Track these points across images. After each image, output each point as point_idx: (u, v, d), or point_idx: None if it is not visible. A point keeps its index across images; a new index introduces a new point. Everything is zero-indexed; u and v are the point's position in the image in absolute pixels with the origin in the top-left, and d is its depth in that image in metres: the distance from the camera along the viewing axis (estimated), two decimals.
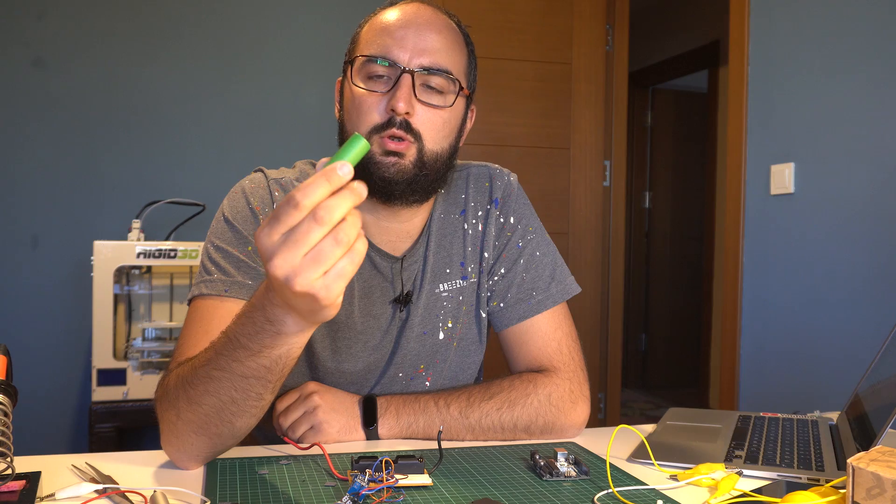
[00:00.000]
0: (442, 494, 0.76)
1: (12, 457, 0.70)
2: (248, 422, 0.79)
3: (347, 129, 0.98)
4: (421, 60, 0.94)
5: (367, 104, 0.94)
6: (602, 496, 0.76)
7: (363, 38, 0.99)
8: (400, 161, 0.94)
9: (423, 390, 1.07)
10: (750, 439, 0.99)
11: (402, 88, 0.92)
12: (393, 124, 0.93)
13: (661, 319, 5.03)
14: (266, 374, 0.74)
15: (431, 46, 0.95)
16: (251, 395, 0.75)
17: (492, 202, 1.10)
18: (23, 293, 2.50)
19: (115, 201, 2.56)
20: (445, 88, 0.96)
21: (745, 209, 2.51)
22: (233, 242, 0.98)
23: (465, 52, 1.01)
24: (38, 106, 2.53)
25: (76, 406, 2.54)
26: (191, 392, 0.78)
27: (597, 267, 3.17)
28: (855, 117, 2.11)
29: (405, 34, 0.95)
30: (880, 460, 0.62)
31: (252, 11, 2.72)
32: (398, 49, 0.94)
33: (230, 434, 0.80)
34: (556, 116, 3.08)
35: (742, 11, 2.50)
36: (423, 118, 0.95)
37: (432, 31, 0.96)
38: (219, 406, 0.76)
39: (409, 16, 0.97)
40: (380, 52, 0.94)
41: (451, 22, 1.01)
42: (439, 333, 1.07)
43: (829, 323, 2.17)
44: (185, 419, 0.79)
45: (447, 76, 0.96)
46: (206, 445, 0.81)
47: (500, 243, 1.10)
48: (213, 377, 0.75)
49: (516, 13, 3.00)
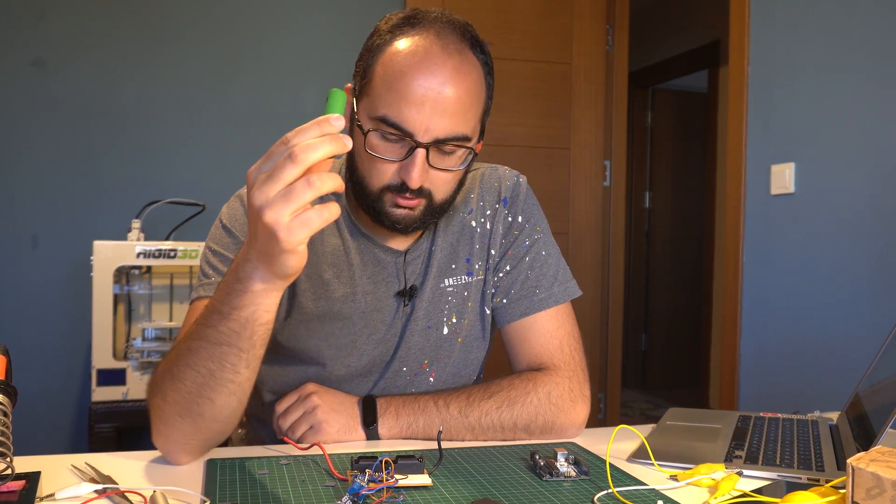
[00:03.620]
0: (442, 494, 0.76)
1: (12, 457, 0.70)
2: (227, 401, 0.80)
3: (358, 169, 0.96)
4: (437, 132, 0.90)
5: (380, 167, 0.93)
6: (602, 496, 0.76)
7: (377, 84, 0.92)
8: (411, 213, 0.96)
9: (427, 386, 1.08)
10: (750, 439, 0.99)
11: (416, 165, 0.90)
12: (405, 190, 0.93)
13: (661, 319, 5.03)
14: (236, 341, 0.76)
15: (450, 113, 0.90)
16: (226, 367, 0.78)
17: (500, 201, 1.12)
18: (23, 293, 2.50)
19: (115, 201, 2.56)
20: (458, 150, 0.94)
21: (745, 209, 2.51)
22: (229, 247, 1.01)
23: (483, 97, 0.96)
24: (38, 106, 2.53)
25: (76, 406, 2.54)
26: (174, 370, 0.81)
27: (597, 267, 3.16)
28: (855, 117, 2.11)
29: (424, 95, 0.88)
30: (880, 460, 0.62)
31: (252, 11, 2.72)
32: (416, 114, 0.89)
33: (213, 416, 0.81)
34: (556, 116, 3.08)
35: (742, 11, 2.50)
36: (434, 181, 0.95)
37: (453, 90, 0.90)
38: (199, 381, 0.79)
39: (430, 69, 0.89)
40: (395, 118, 0.89)
41: (472, 59, 0.94)
42: (443, 328, 1.08)
43: (830, 323, 2.17)
44: (171, 401, 0.81)
45: (461, 143, 0.93)
46: (192, 430, 0.82)
47: (508, 241, 1.11)
48: (192, 349, 0.79)
49: (516, 13, 3.00)
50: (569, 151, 3.10)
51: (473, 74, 0.94)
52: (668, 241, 5.06)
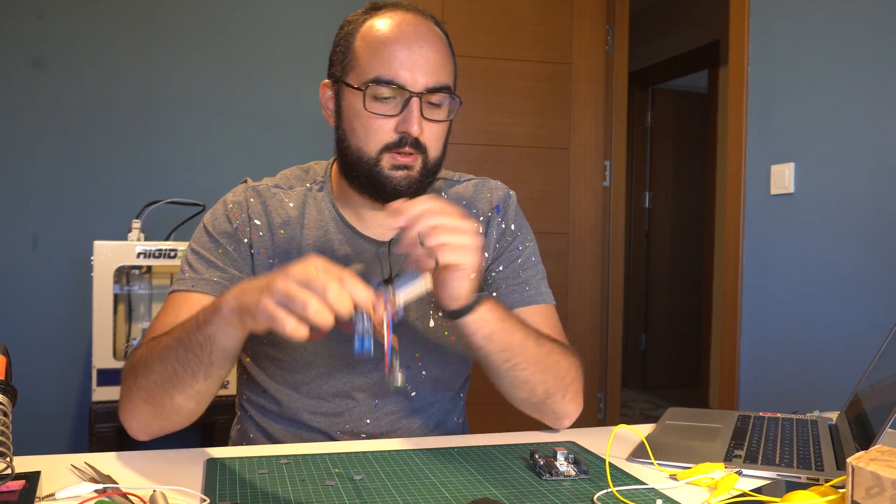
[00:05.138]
0: (442, 494, 0.76)
1: (12, 457, 0.70)
2: (185, 402, 0.89)
3: (352, 143, 1.01)
4: (426, 81, 0.98)
5: (377, 125, 0.99)
6: (601, 496, 0.76)
7: (362, 56, 1.00)
8: (409, 173, 1.00)
9: (420, 379, 1.09)
10: (749, 439, 0.99)
11: (412, 113, 0.97)
12: (404, 144, 0.98)
13: (661, 319, 5.03)
14: (199, 351, 0.84)
15: (433, 65, 0.99)
16: (188, 371, 0.85)
17: (493, 209, 1.15)
18: (23, 293, 2.50)
19: (115, 201, 2.56)
20: (444, 101, 1.01)
21: (745, 209, 2.51)
22: (206, 246, 1.06)
23: (453, 58, 1.05)
24: (38, 106, 2.53)
25: (76, 406, 2.54)
26: (149, 360, 0.90)
27: (597, 267, 3.16)
28: (855, 117, 2.11)
29: (409, 56, 0.98)
30: (880, 460, 0.62)
31: (252, 11, 2.72)
32: (404, 71, 0.97)
33: (172, 410, 0.90)
34: (556, 116, 3.08)
35: (742, 11, 2.50)
36: (429, 134, 1.00)
37: (430, 49, 0.99)
38: (165, 377, 0.87)
39: (408, 33, 0.99)
40: (387, 76, 0.97)
41: (438, 29, 1.04)
42: (429, 321, 1.10)
43: (829, 323, 2.17)
44: (139, 385, 0.90)
45: (448, 92, 1.01)
46: (152, 416, 0.91)
47: (501, 246, 1.14)
48: (168, 346, 0.88)
49: (516, 13, 3.00)
50: (569, 151, 3.10)
51: (442, 38, 1.04)
52: (668, 241, 5.06)
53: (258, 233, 1.06)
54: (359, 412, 1.07)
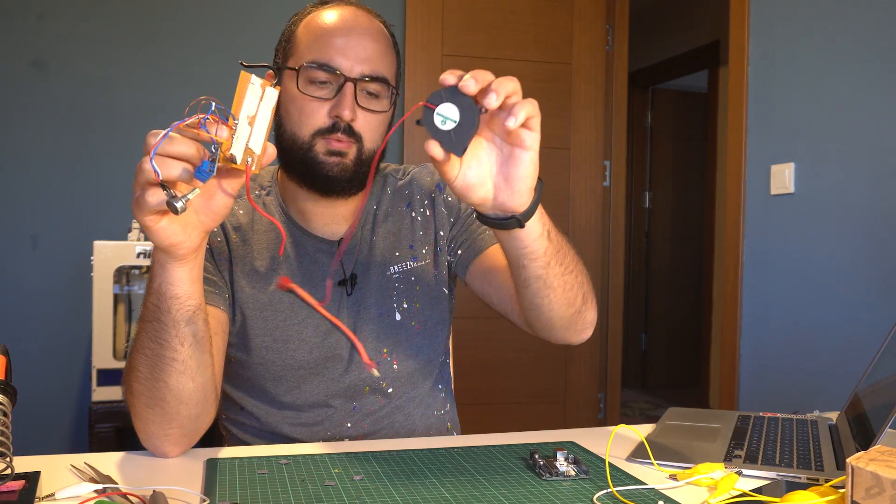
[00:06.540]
0: (442, 494, 0.76)
1: (12, 457, 0.70)
2: (180, 381, 0.84)
3: (287, 128, 1.02)
4: (362, 69, 0.99)
5: (311, 108, 0.99)
6: (601, 496, 0.76)
7: (301, 41, 1.01)
8: (343, 160, 1.00)
9: (392, 374, 1.09)
10: (749, 439, 0.99)
11: (346, 97, 0.97)
12: (337, 129, 0.99)
13: (661, 319, 5.03)
14: (160, 315, 0.81)
15: (371, 55, 1.00)
16: (163, 344, 0.82)
17: (436, 188, 1.16)
18: (23, 293, 2.50)
19: (115, 201, 2.56)
20: (382, 93, 1.02)
21: (745, 209, 2.51)
22: None
23: (395, 56, 1.06)
24: (38, 106, 2.53)
25: (76, 406, 2.54)
26: (131, 360, 0.87)
27: (597, 267, 3.16)
28: (855, 117, 2.11)
29: (346, 42, 0.99)
30: (879, 460, 0.62)
31: (252, 12, 2.72)
32: (340, 57, 0.98)
33: (175, 399, 0.85)
34: (556, 116, 3.08)
35: (742, 11, 2.50)
36: (363, 123, 1.00)
37: (370, 39, 1.01)
38: (149, 364, 0.84)
39: (349, 22, 1.01)
40: (323, 59, 0.98)
41: (383, 27, 1.05)
42: (395, 314, 1.10)
43: (829, 323, 2.17)
44: (135, 392, 0.86)
45: (384, 83, 1.01)
46: (162, 418, 0.86)
47: (450, 213, 1.15)
48: (138, 333, 0.85)
49: (516, 13, 3.00)
50: (569, 151, 3.10)
51: (385, 34, 1.05)
52: (668, 241, 5.06)
53: (216, 238, 1.06)
54: (338, 418, 1.07)
